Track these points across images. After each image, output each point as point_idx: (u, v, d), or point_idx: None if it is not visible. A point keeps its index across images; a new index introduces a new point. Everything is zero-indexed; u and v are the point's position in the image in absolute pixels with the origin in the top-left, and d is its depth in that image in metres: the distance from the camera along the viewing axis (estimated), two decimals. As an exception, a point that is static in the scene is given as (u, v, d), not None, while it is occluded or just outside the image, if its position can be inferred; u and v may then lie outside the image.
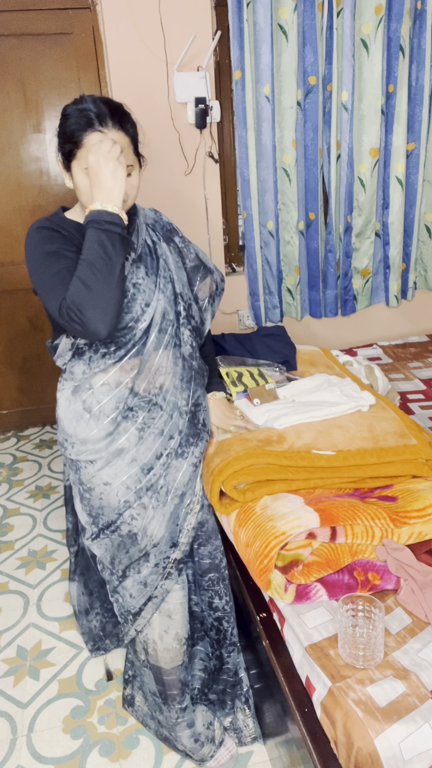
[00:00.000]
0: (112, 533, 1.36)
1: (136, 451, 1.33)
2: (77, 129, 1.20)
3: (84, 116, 1.20)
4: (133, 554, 1.36)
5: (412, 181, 2.81)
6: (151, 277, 1.34)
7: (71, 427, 1.35)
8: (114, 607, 1.46)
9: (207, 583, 1.47)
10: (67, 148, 1.22)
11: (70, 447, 1.36)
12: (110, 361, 1.30)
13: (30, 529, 2.45)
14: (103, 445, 1.32)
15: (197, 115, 2.55)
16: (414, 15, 2.53)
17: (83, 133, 1.20)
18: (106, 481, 1.33)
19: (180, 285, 1.41)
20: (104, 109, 1.20)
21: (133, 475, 1.33)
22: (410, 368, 2.52)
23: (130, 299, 1.30)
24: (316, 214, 2.75)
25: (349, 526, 1.25)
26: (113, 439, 1.32)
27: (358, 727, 0.97)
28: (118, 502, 1.34)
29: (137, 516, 1.34)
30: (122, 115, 1.24)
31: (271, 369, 1.91)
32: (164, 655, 1.39)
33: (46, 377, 3.23)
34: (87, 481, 1.35)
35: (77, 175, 1.23)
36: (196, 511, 1.41)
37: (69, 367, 1.34)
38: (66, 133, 1.22)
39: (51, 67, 2.68)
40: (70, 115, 1.22)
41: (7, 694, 1.71)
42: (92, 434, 1.32)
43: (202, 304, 1.51)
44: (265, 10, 2.37)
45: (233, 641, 1.51)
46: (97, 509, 1.36)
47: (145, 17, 2.47)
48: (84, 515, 1.40)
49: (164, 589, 1.38)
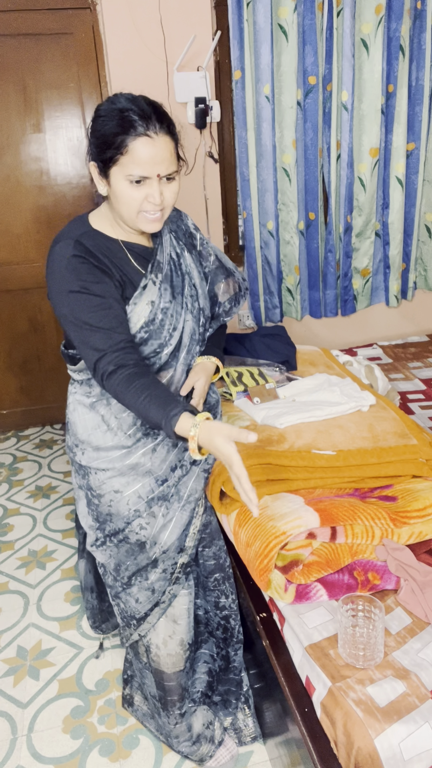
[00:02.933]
0: (119, 542, 1.33)
1: (151, 464, 1.31)
2: (120, 132, 1.09)
3: (126, 119, 1.09)
4: (140, 561, 1.34)
5: (412, 181, 2.81)
6: (177, 298, 1.29)
7: (85, 434, 1.32)
8: (114, 610, 1.44)
9: (213, 583, 1.47)
10: (108, 154, 1.11)
11: (80, 453, 1.34)
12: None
13: (30, 529, 2.45)
14: (118, 456, 1.30)
15: (197, 115, 2.55)
16: (414, 15, 2.53)
17: (128, 138, 1.09)
18: (117, 489, 1.31)
19: (203, 299, 1.37)
20: (149, 111, 1.10)
21: (146, 485, 1.31)
22: (410, 368, 2.52)
23: (158, 326, 1.25)
24: (316, 214, 2.75)
25: (349, 526, 1.25)
26: (129, 453, 1.30)
27: (358, 727, 0.97)
28: (128, 511, 1.31)
29: (146, 525, 1.32)
30: (167, 117, 1.14)
31: (271, 369, 1.91)
32: (167, 660, 1.38)
33: (46, 377, 3.23)
34: (97, 488, 1.33)
35: (118, 183, 1.13)
36: (201, 513, 1.40)
37: (86, 381, 1.31)
38: (106, 137, 1.11)
39: (51, 67, 2.68)
40: (107, 117, 1.11)
41: (7, 694, 1.71)
42: (108, 445, 1.30)
43: (225, 307, 1.46)
44: (265, 10, 2.36)
45: (240, 639, 1.51)
46: (105, 516, 1.34)
47: (145, 17, 2.47)
48: (89, 519, 1.37)
49: (172, 594, 1.36)
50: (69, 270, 1.16)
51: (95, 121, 1.14)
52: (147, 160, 1.11)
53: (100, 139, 1.12)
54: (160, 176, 1.13)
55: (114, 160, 1.12)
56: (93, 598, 1.74)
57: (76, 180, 2.90)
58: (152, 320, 1.24)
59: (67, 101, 2.75)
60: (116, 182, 1.14)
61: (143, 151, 1.10)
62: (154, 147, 1.10)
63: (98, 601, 1.74)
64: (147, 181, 1.13)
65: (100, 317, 1.15)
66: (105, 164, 1.14)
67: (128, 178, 1.12)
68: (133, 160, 1.10)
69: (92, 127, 1.15)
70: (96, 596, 1.74)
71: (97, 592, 1.73)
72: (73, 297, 1.16)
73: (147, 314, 1.23)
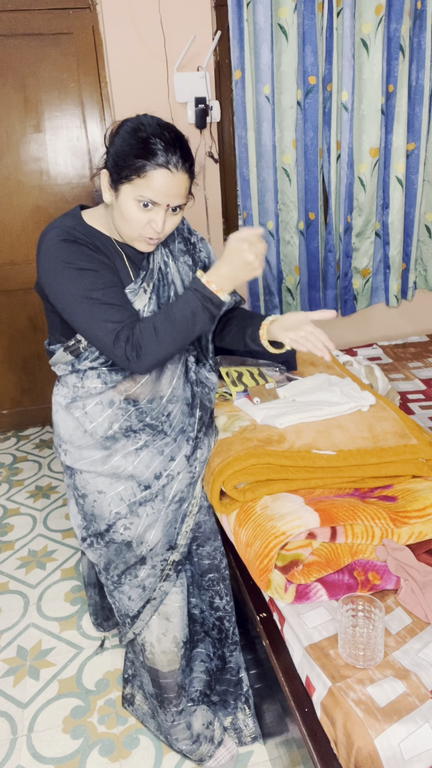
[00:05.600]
0: (107, 542, 1.34)
1: (133, 468, 1.31)
2: (142, 157, 1.09)
3: (152, 147, 1.09)
4: (129, 559, 1.35)
5: (412, 181, 2.81)
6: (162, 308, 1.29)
7: (67, 434, 1.33)
8: (113, 608, 1.45)
9: (207, 583, 1.47)
10: (124, 173, 1.12)
11: (63, 453, 1.35)
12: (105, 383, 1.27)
13: (30, 529, 2.45)
14: (99, 458, 1.30)
15: (197, 115, 2.55)
16: (414, 15, 2.53)
17: (149, 166, 1.09)
18: (101, 489, 1.32)
19: None
20: (176, 146, 1.11)
21: (129, 488, 1.32)
22: (410, 368, 2.52)
23: None
24: (316, 214, 2.75)
25: (349, 526, 1.25)
26: (109, 456, 1.30)
27: (358, 727, 0.97)
28: (110, 513, 1.32)
29: (130, 525, 1.33)
30: (190, 156, 1.15)
31: (271, 369, 1.90)
32: (161, 658, 1.39)
33: (46, 377, 3.23)
34: (81, 487, 1.34)
35: (127, 201, 1.14)
36: (194, 513, 1.40)
37: (63, 378, 1.33)
38: (126, 156, 1.11)
39: (51, 67, 2.68)
40: (132, 137, 1.11)
41: (7, 694, 1.71)
42: (88, 445, 1.31)
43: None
44: (265, 10, 2.36)
45: (235, 640, 1.51)
46: (90, 515, 1.35)
47: (145, 17, 2.47)
48: (78, 519, 1.39)
49: (163, 591, 1.37)
50: (70, 251, 1.16)
51: (119, 135, 1.14)
52: (162, 190, 1.12)
53: (119, 156, 1.12)
54: (168, 206, 1.15)
55: (129, 178, 1.12)
56: (95, 594, 1.75)
57: (76, 180, 2.90)
58: None
59: (67, 101, 2.76)
60: (125, 199, 1.14)
61: (160, 181, 1.11)
62: (172, 181, 1.12)
63: (100, 597, 1.75)
64: (155, 208, 1.14)
65: (113, 294, 1.16)
66: (118, 177, 1.14)
67: (138, 199, 1.13)
68: (149, 185, 1.11)
69: (114, 140, 1.15)
70: (98, 592, 1.75)
71: (99, 588, 1.74)
72: (80, 274, 1.15)
73: None
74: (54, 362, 1.31)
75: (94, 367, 1.27)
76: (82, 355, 1.26)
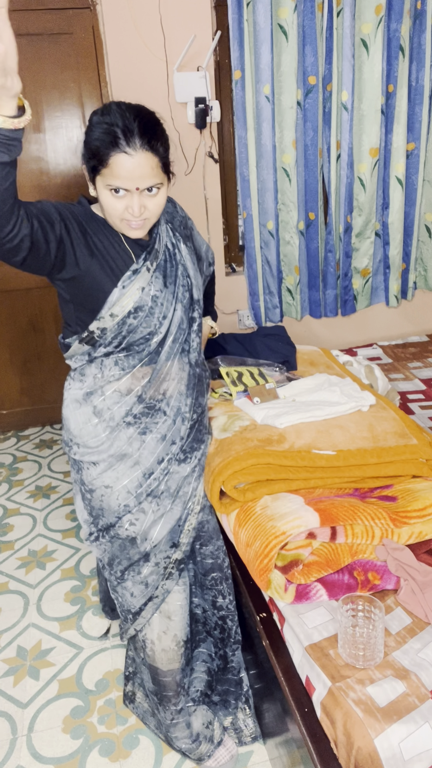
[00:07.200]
0: (112, 538, 1.36)
1: (138, 455, 1.33)
2: (102, 146, 1.12)
3: (110, 133, 1.12)
4: (132, 556, 1.37)
5: (412, 181, 2.81)
6: (169, 287, 1.31)
7: (77, 429, 1.35)
8: (116, 604, 1.46)
9: (210, 582, 1.48)
10: (91, 164, 1.16)
11: (75, 447, 1.36)
12: (123, 369, 1.30)
13: (30, 529, 2.45)
14: (105, 447, 1.33)
15: (197, 115, 2.55)
16: (414, 15, 2.53)
17: (108, 152, 1.12)
18: (108, 484, 1.34)
19: (197, 291, 1.38)
20: (133, 126, 1.12)
21: (134, 479, 1.33)
22: (410, 368, 2.52)
23: (147, 313, 1.26)
24: (316, 214, 2.75)
25: (349, 525, 1.25)
26: (113, 442, 1.32)
27: (358, 727, 0.97)
28: (118, 506, 1.34)
29: (136, 521, 1.34)
30: (152, 133, 1.15)
31: (271, 369, 1.91)
32: (161, 656, 1.40)
33: (46, 377, 3.23)
34: (89, 483, 1.36)
35: (102, 191, 1.18)
36: (196, 511, 1.41)
37: (80, 369, 1.34)
38: (91, 148, 1.15)
39: (51, 67, 2.68)
40: (96, 128, 1.14)
41: (7, 694, 1.71)
42: (97, 437, 1.33)
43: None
44: (265, 10, 2.36)
45: (237, 639, 1.51)
46: (98, 510, 1.37)
47: (145, 17, 2.47)
48: (84, 514, 1.40)
49: (165, 589, 1.38)
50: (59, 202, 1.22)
51: (87, 128, 1.18)
52: (125, 175, 1.14)
53: (87, 148, 1.17)
54: (139, 189, 1.16)
55: (97, 170, 1.16)
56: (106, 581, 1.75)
57: (76, 180, 2.90)
58: (141, 306, 1.26)
59: (67, 101, 2.75)
60: (101, 191, 1.18)
61: (121, 167, 1.13)
62: (132, 163, 1.13)
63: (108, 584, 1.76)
64: (127, 194, 1.17)
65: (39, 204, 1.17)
66: (91, 171, 1.18)
67: (108, 188, 1.17)
68: (113, 173, 1.14)
69: (85, 133, 1.19)
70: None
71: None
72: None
73: (136, 299, 1.25)
74: (70, 355, 1.33)
75: (110, 353, 1.29)
76: (97, 343, 1.27)
